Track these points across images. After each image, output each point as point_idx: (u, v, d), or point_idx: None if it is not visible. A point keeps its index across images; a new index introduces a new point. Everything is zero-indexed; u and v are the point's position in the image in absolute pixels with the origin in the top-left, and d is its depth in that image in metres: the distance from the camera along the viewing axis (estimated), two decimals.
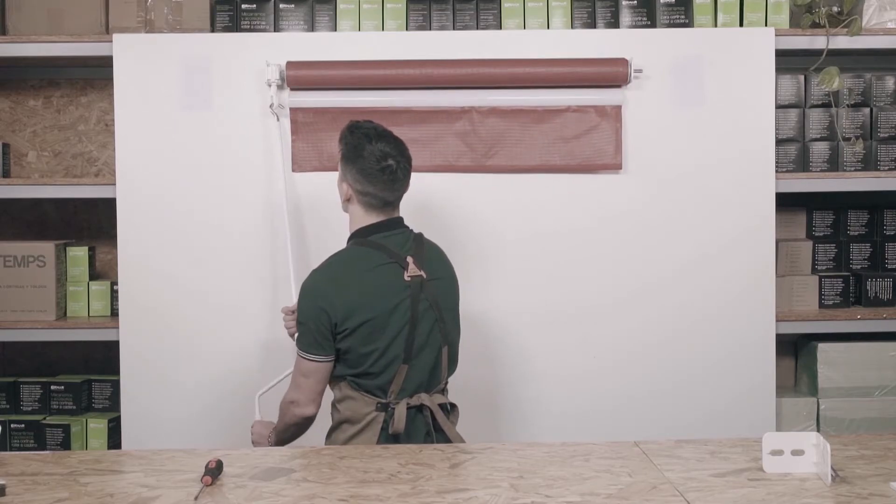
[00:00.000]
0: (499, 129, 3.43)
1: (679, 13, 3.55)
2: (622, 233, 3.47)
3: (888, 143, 3.64)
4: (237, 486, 2.12)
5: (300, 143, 3.42)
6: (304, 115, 3.41)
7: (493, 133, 3.43)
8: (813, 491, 2.06)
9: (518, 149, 3.43)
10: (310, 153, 3.42)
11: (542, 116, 3.43)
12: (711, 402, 3.48)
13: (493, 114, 3.43)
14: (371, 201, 2.73)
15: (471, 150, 3.44)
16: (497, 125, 3.42)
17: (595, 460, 2.29)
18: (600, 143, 3.43)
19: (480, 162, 3.44)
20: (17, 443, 3.58)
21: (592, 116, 3.43)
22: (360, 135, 2.75)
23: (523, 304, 3.48)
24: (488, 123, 3.42)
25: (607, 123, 3.43)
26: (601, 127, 3.42)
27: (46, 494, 2.07)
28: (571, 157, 3.43)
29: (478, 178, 3.46)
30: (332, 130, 3.28)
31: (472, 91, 3.42)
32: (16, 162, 3.87)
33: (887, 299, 3.69)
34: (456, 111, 3.43)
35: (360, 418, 2.69)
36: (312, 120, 3.41)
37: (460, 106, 3.43)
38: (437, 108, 3.42)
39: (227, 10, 3.56)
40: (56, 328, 3.56)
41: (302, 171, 3.43)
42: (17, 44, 3.53)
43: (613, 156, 3.43)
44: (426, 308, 2.71)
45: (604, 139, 3.43)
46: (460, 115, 3.43)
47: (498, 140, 3.43)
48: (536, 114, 3.43)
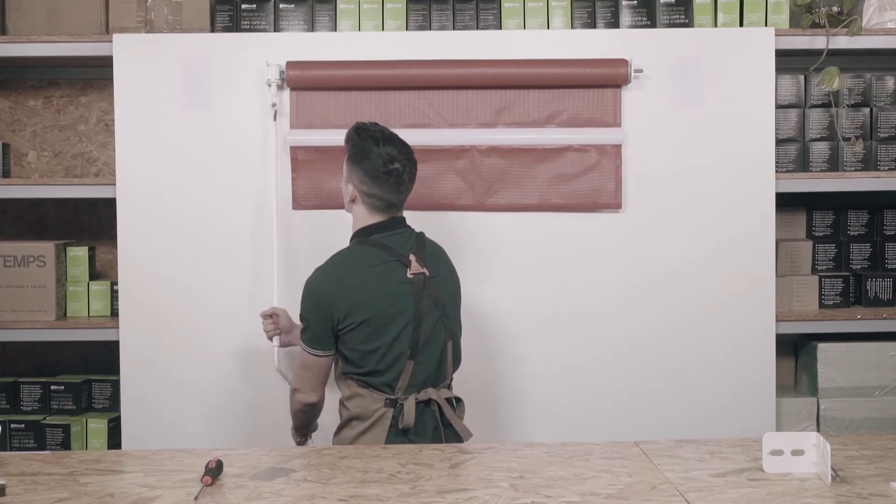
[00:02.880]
0: (499, 168, 3.42)
1: (679, 13, 3.55)
2: (622, 232, 3.47)
3: (888, 143, 3.64)
4: (237, 486, 2.12)
5: (300, 180, 3.41)
6: (304, 154, 3.41)
7: (493, 171, 3.43)
8: (813, 491, 2.06)
9: (518, 188, 3.43)
10: (310, 191, 3.41)
11: (542, 155, 3.42)
12: (711, 402, 3.48)
13: (493, 152, 3.43)
14: (376, 203, 2.77)
15: (471, 188, 3.44)
16: (497, 163, 3.42)
17: (595, 460, 2.29)
18: (601, 181, 3.43)
19: (481, 200, 3.44)
20: (17, 443, 3.58)
21: (592, 155, 3.42)
22: (367, 137, 2.79)
23: (523, 303, 3.48)
24: (488, 162, 3.42)
25: (608, 161, 3.42)
26: (601, 165, 3.42)
27: (46, 494, 2.07)
28: (572, 196, 3.43)
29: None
30: (332, 169, 3.28)
31: (473, 130, 3.41)
32: (16, 162, 3.87)
33: (887, 299, 3.69)
34: (456, 150, 3.43)
35: (369, 414, 2.72)
36: (313, 158, 3.40)
37: (461, 144, 3.42)
38: (438, 146, 3.41)
39: (227, 10, 3.56)
40: (56, 328, 3.56)
41: (302, 209, 3.43)
42: (17, 44, 3.53)
43: (614, 194, 3.43)
44: (429, 305, 2.74)
45: (604, 177, 3.43)
46: (461, 154, 3.43)
47: (498, 178, 3.43)
48: (536, 152, 3.42)
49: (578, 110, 3.42)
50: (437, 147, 3.40)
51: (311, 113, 3.40)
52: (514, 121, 3.43)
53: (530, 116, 3.43)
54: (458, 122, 3.42)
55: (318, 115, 3.40)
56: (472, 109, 3.42)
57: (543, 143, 3.42)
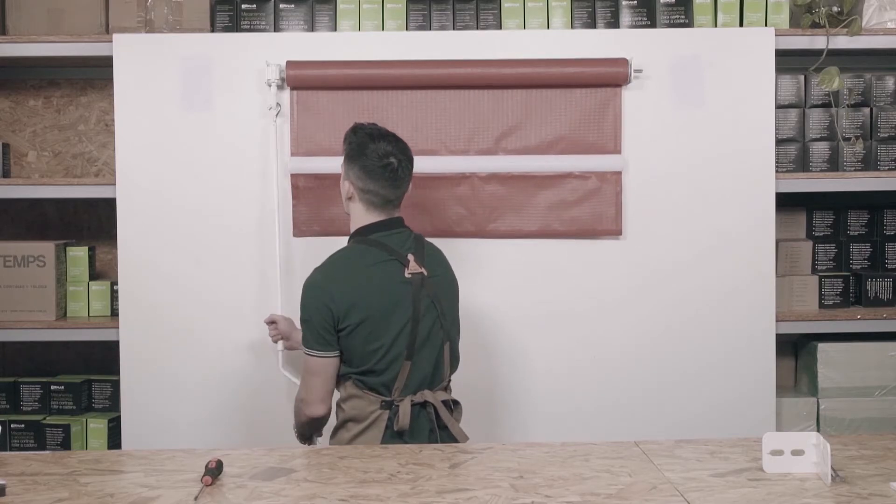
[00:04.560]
0: (500, 195, 3.43)
1: (679, 13, 3.55)
2: (622, 232, 3.47)
3: (888, 143, 3.64)
4: (237, 486, 2.12)
5: (301, 206, 3.41)
6: (304, 181, 3.40)
7: (494, 198, 3.43)
8: (813, 491, 2.06)
9: (518, 215, 3.43)
10: (310, 217, 3.41)
11: (542, 182, 3.43)
12: (711, 402, 3.48)
13: (493, 179, 3.43)
14: (372, 199, 2.76)
15: (472, 214, 3.44)
16: (497, 191, 3.42)
17: (595, 460, 2.29)
18: (601, 207, 3.43)
19: (481, 227, 3.44)
20: (17, 443, 3.58)
21: (593, 182, 3.42)
22: (363, 134, 2.80)
23: (522, 303, 3.48)
24: (489, 189, 3.43)
25: (608, 188, 3.42)
26: (602, 191, 3.42)
27: (46, 494, 2.07)
28: (572, 223, 3.43)
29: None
30: (332, 196, 3.26)
31: (473, 157, 3.41)
32: (16, 162, 3.87)
33: (887, 299, 3.69)
34: (457, 177, 3.43)
35: (364, 416, 2.71)
36: (313, 185, 3.40)
37: (461, 172, 3.42)
38: (439, 174, 3.41)
39: (227, 10, 3.56)
40: (56, 328, 3.56)
41: (303, 236, 3.43)
42: (17, 44, 3.53)
43: (614, 221, 3.43)
44: (427, 305, 2.74)
45: (604, 203, 3.43)
46: (461, 181, 3.43)
47: (499, 205, 3.43)
48: (537, 179, 3.42)
49: (579, 136, 3.41)
50: (438, 174, 3.40)
51: (311, 141, 3.39)
52: (515, 147, 3.43)
53: (531, 142, 3.42)
54: (458, 149, 3.43)
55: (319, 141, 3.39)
56: (474, 138, 3.43)
57: (544, 171, 3.42)
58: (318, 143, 3.40)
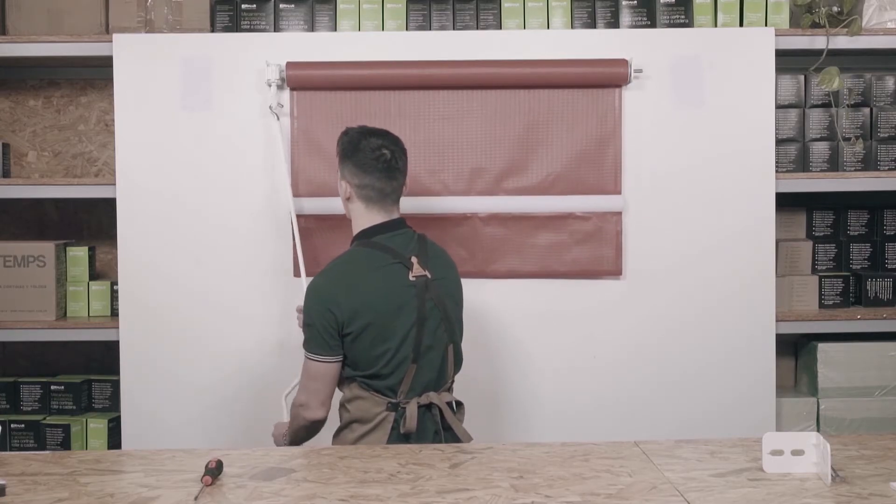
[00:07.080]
0: (500, 236, 3.43)
1: (679, 13, 3.55)
2: (622, 231, 3.47)
3: (888, 143, 3.64)
4: (237, 486, 2.12)
5: (305, 247, 3.37)
6: (306, 222, 3.39)
7: (494, 239, 3.43)
8: (813, 491, 2.06)
9: (518, 256, 3.43)
10: (313, 259, 3.37)
11: (543, 223, 3.43)
12: (711, 402, 3.48)
13: (493, 220, 3.43)
14: (370, 194, 2.76)
15: (472, 256, 3.44)
16: (498, 231, 3.43)
17: (595, 460, 2.29)
18: (601, 248, 3.43)
19: (481, 268, 3.44)
20: (17, 443, 3.58)
21: (593, 222, 3.43)
22: (354, 133, 2.82)
23: (522, 303, 3.48)
24: (489, 230, 3.43)
25: (609, 227, 3.42)
26: (603, 231, 3.42)
27: (46, 494, 2.07)
28: (573, 264, 3.43)
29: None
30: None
31: (474, 198, 3.41)
32: (16, 162, 3.87)
33: (887, 299, 3.69)
34: (458, 217, 3.43)
35: (370, 418, 2.71)
36: (315, 226, 3.40)
37: (462, 212, 3.42)
38: (439, 214, 3.41)
39: (227, 10, 3.56)
40: (56, 328, 3.56)
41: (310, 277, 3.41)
42: (17, 44, 3.53)
43: (614, 261, 3.43)
44: (432, 307, 2.73)
45: (604, 244, 3.43)
46: (461, 222, 3.43)
47: (499, 246, 3.43)
48: (538, 220, 3.42)
49: (578, 176, 3.41)
50: (439, 215, 3.40)
51: (311, 183, 3.39)
52: (516, 187, 3.42)
53: (531, 181, 3.42)
54: (459, 189, 3.43)
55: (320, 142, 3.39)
56: (475, 179, 3.42)
57: (544, 211, 3.42)
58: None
